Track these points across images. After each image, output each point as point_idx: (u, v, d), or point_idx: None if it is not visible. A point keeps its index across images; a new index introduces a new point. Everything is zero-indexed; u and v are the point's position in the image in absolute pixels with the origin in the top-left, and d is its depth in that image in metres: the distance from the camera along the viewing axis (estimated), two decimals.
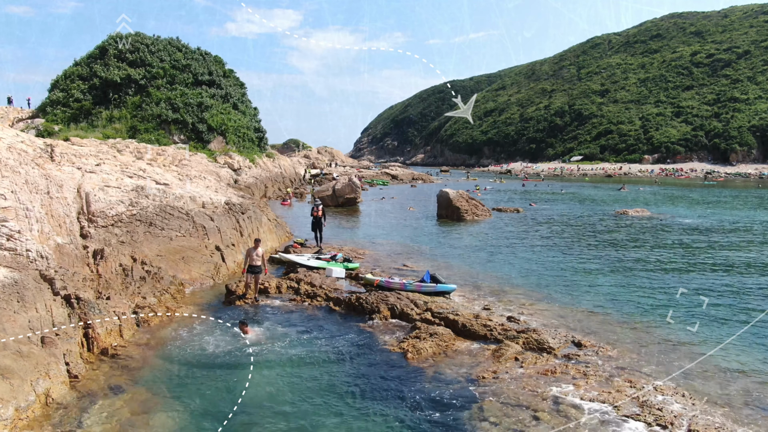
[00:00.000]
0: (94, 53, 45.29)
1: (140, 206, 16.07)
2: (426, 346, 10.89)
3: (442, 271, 17.63)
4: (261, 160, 47.05)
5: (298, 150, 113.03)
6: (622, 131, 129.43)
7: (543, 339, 11.14)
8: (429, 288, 14.56)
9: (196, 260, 16.27)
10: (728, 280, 17.55)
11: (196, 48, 50.88)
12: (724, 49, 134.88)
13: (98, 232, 14.11)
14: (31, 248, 10.62)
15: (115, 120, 39.39)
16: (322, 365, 10.33)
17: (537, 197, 52.35)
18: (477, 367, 10.14)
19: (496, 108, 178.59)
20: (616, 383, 9.30)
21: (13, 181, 11.69)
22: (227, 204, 20.11)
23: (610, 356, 10.71)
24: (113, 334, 10.81)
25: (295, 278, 15.94)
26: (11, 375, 7.83)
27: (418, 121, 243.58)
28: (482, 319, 12.25)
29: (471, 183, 75.24)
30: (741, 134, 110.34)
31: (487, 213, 34.05)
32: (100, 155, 18.94)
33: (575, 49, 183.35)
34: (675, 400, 8.62)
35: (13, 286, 9.21)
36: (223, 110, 44.93)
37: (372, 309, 13.20)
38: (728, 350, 11.27)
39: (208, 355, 10.55)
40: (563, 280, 17.37)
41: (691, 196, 55.54)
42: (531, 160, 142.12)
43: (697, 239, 25.95)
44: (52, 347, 8.95)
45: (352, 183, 41.05)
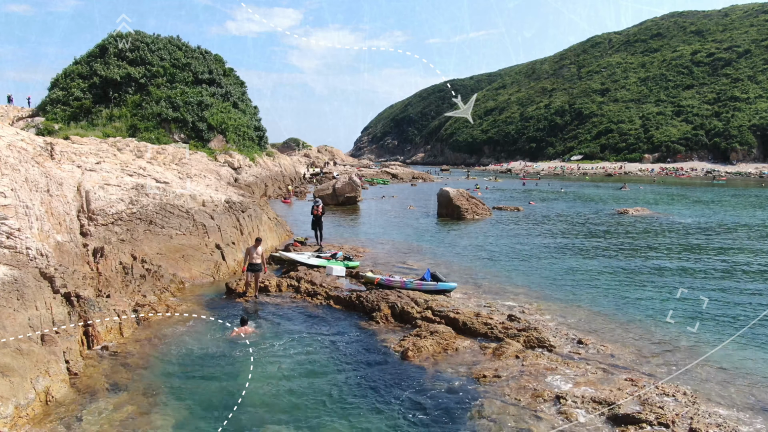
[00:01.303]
0: (94, 52, 45.23)
1: (140, 204, 16.05)
2: (427, 345, 10.86)
3: (443, 269, 17.61)
4: (261, 158, 47.03)
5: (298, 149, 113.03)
6: (623, 130, 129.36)
7: (544, 337, 11.12)
8: (429, 286, 14.53)
9: (196, 258, 16.25)
10: (729, 279, 17.53)
11: (196, 47, 50.86)
12: (725, 48, 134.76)
13: (98, 230, 14.10)
14: (31, 246, 10.60)
15: (115, 119, 39.36)
16: (322, 364, 10.31)
17: (537, 196, 52.35)
18: (478, 365, 10.12)
19: (496, 107, 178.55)
20: (617, 382, 9.27)
21: (13, 179, 11.67)
22: (227, 202, 20.09)
23: (611, 355, 10.69)
24: (113, 332, 10.79)
25: (296, 277, 15.91)
26: (11, 373, 7.81)
27: (418, 120, 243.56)
28: (483, 318, 12.23)
29: (471, 182, 75.22)
30: (741, 133, 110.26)
31: (488, 212, 34.03)
32: (100, 153, 18.92)
33: (575, 48, 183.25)
34: (676, 399, 8.60)
35: (13, 283, 9.18)
36: (223, 109, 44.91)
37: (372, 307, 13.18)
38: (729, 350, 11.25)
39: (208, 354, 10.53)
40: (564, 279, 17.35)
41: (693, 195, 55.50)
42: (531, 159, 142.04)
43: (698, 239, 25.92)
44: (52, 345, 8.93)
45: (352, 182, 41.04)
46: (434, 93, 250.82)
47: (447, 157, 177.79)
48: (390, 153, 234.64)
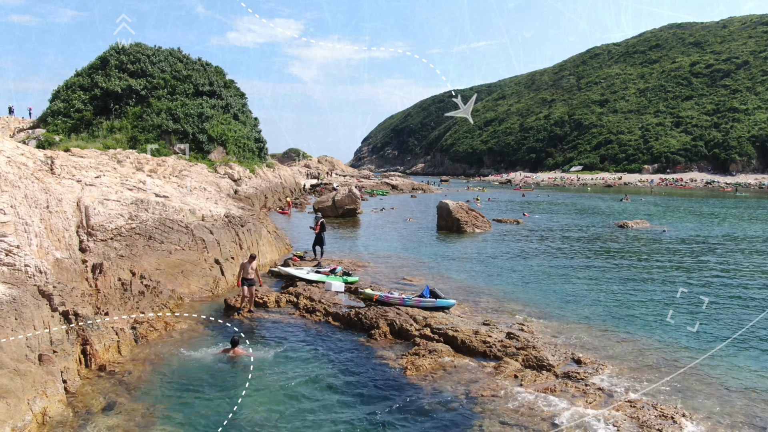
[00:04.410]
0: (95, 63, 45.46)
1: (139, 219, 16.06)
2: (425, 363, 10.84)
3: (442, 285, 17.60)
4: (261, 170, 47.10)
5: (298, 159, 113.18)
6: (622, 141, 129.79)
7: (542, 356, 11.09)
8: (428, 303, 14.51)
9: (195, 274, 16.24)
10: (729, 293, 17.51)
11: (197, 58, 51.08)
12: (723, 60, 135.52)
13: (97, 246, 14.10)
14: (30, 263, 10.60)
15: (116, 130, 39.48)
16: (319, 381, 10.28)
17: (536, 208, 52.38)
18: (476, 384, 10.09)
19: (496, 117, 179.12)
20: (616, 402, 9.25)
21: (13, 195, 11.69)
22: (227, 217, 20.11)
23: (610, 373, 10.66)
24: (111, 351, 10.77)
25: (294, 292, 15.90)
26: (8, 394, 7.79)
27: (418, 131, 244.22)
28: (482, 336, 12.21)
29: (471, 193, 75.16)
30: (740, 144, 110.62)
31: (487, 224, 34.03)
32: (100, 167, 18.96)
33: (575, 59, 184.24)
34: (675, 420, 8.57)
35: (11, 302, 9.17)
36: (223, 120, 45.04)
37: (371, 324, 13.15)
38: (728, 368, 11.23)
39: (206, 371, 10.50)
40: (563, 294, 17.33)
41: (693, 207, 55.53)
42: (531, 170, 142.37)
43: (699, 253, 25.91)
44: (49, 365, 8.91)
45: (352, 194, 41.09)
46: (434, 103, 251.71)
47: (447, 168, 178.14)
48: (390, 163, 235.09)
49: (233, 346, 11.33)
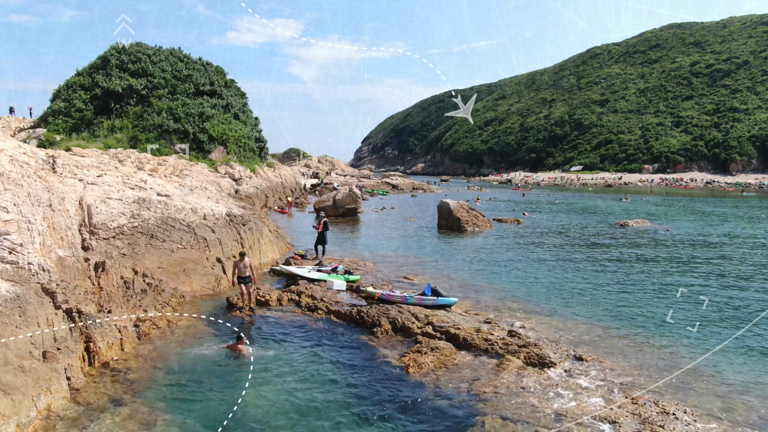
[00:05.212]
0: (96, 63, 45.50)
1: (142, 218, 16.10)
2: (427, 360, 10.88)
3: (443, 283, 17.64)
4: (262, 169, 47.16)
5: (298, 159, 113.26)
6: (622, 141, 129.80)
7: (544, 353, 11.13)
8: (430, 301, 14.55)
9: (197, 272, 16.28)
10: (729, 292, 17.54)
11: (197, 58, 51.12)
12: (724, 60, 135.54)
13: (100, 245, 14.14)
14: (33, 261, 10.64)
15: (117, 130, 39.50)
16: (321, 379, 10.32)
17: (536, 207, 52.40)
18: (478, 381, 10.13)
19: (496, 117, 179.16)
20: (617, 399, 9.28)
21: (16, 194, 11.73)
22: (228, 215, 20.15)
23: (611, 370, 10.69)
24: (114, 348, 10.81)
25: (296, 291, 15.93)
26: (13, 391, 7.83)
27: (418, 130, 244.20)
28: (483, 333, 12.24)
29: (471, 193, 75.19)
30: (741, 144, 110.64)
31: (488, 224, 34.06)
32: (101, 166, 19.01)
33: (575, 59, 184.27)
34: (676, 417, 8.60)
35: (15, 300, 9.21)
36: (224, 120, 45.08)
37: (373, 322, 13.19)
38: (728, 366, 11.27)
39: (209, 368, 10.54)
40: (564, 293, 17.37)
41: (695, 206, 55.56)
42: (531, 170, 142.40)
43: (698, 252, 25.95)
44: (53, 362, 8.95)
45: (353, 193, 41.13)
46: (434, 103, 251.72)
47: (447, 168, 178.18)
48: (390, 163, 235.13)
49: (238, 341, 11.41)
